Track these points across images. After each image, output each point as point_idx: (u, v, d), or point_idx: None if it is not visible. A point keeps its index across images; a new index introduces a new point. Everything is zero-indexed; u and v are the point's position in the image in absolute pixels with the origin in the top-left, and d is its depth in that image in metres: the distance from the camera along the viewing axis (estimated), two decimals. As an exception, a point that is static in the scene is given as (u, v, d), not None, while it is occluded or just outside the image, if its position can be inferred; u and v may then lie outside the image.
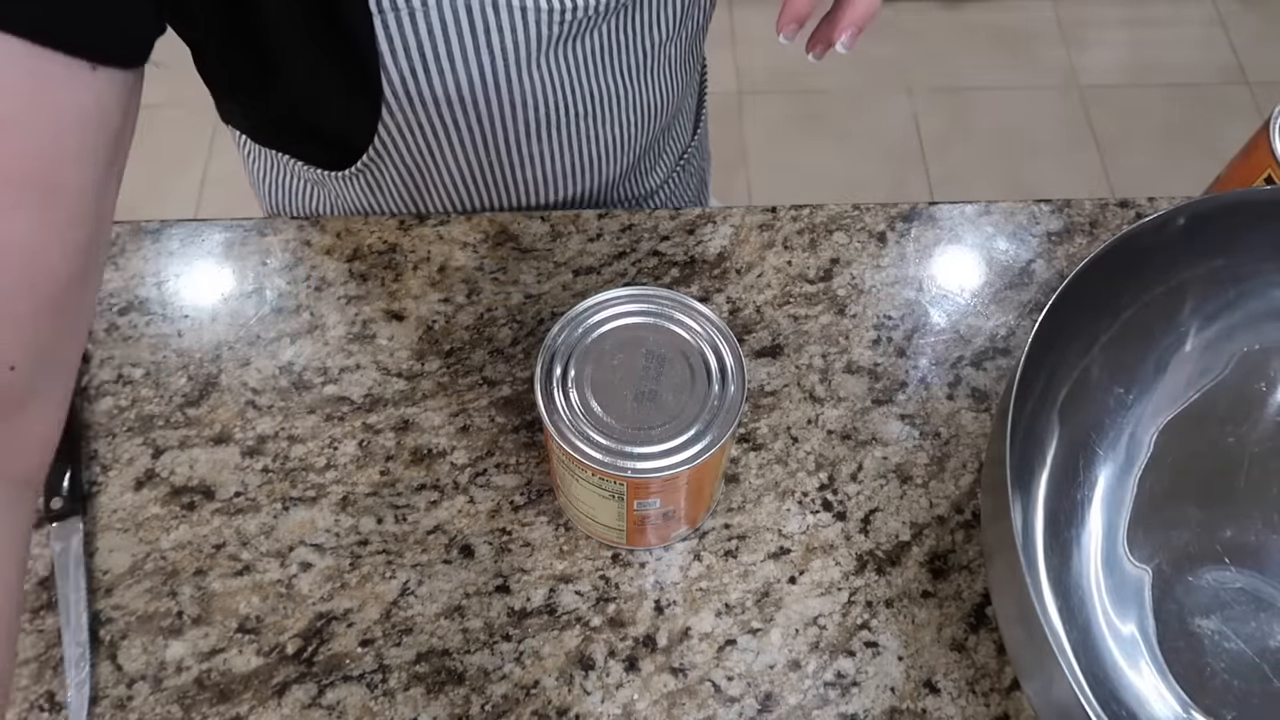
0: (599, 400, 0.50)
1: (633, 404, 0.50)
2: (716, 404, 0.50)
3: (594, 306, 0.53)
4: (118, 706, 0.54)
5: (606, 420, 0.50)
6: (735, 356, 0.51)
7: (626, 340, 0.52)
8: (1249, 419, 0.59)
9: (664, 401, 0.50)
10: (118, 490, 0.60)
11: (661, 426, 0.50)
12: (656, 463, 0.49)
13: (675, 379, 0.51)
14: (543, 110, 0.64)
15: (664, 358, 0.52)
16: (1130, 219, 0.72)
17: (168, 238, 0.69)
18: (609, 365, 0.51)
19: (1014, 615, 0.48)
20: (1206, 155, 1.65)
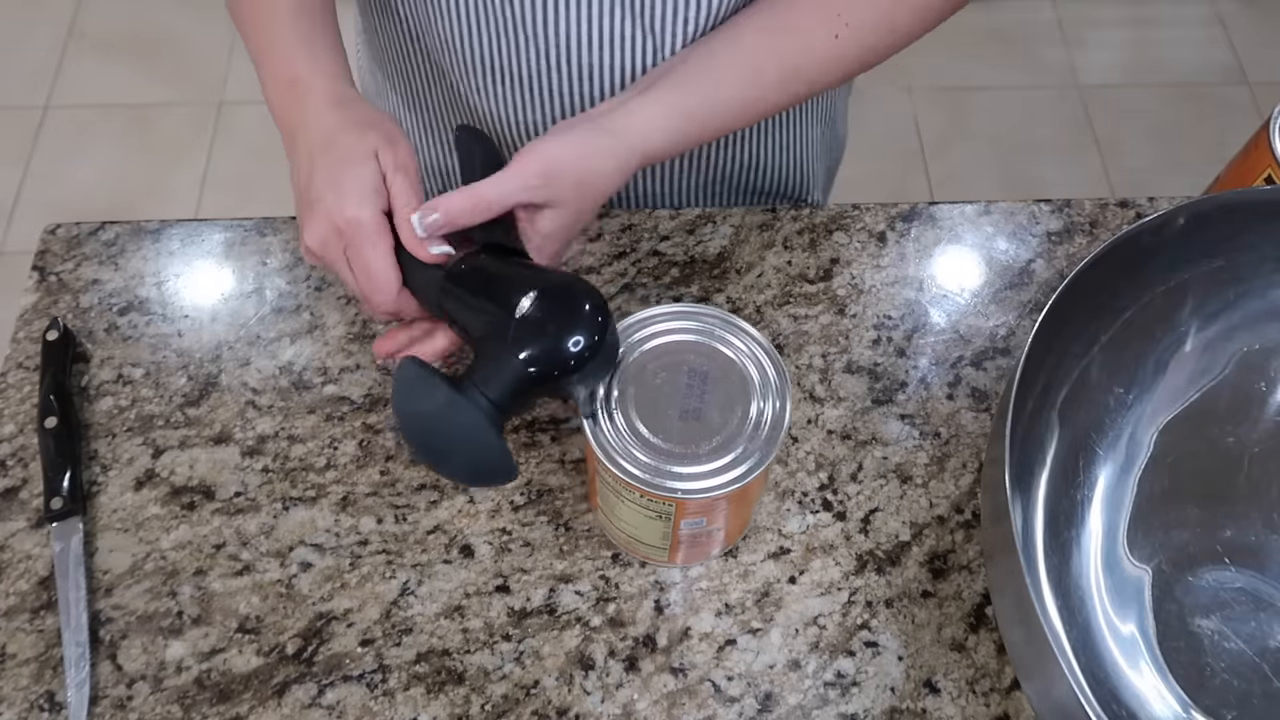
0: (644, 420, 0.49)
1: (678, 423, 0.49)
2: (763, 420, 0.49)
3: (634, 324, 0.52)
4: (118, 706, 0.54)
5: (653, 441, 0.49)
6: (779, 371, 0.51)
7: (667, 358, 0.51)
8: (1249, 419, 0.59)
9: (710, 420, 0.50)
10: (118, 490, 0.60)
11: (708, 445, 0.49)
12: (705, 482, 0.48)
13: (719, 396, 0.50)
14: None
15: (706, 375, 0.51)
16: (1130, 219, 0.72)
17: (168, 238, 0.69)
18: (652, 384, 0.51)
19: (1014, 615, 0.48)
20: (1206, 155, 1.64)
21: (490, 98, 0.68)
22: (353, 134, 0.54)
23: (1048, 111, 1.92)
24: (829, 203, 0.88)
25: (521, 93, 0.66)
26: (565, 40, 0.63)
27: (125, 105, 1.84)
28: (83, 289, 0.67)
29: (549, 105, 0.67)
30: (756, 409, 0.50)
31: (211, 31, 1.91)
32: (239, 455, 0.61)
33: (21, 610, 0.56)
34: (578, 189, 0.54)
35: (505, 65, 0.65)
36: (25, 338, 0.65)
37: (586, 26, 0.62)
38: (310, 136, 0.54)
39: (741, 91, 0.59)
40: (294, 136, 0.55)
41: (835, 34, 0.58)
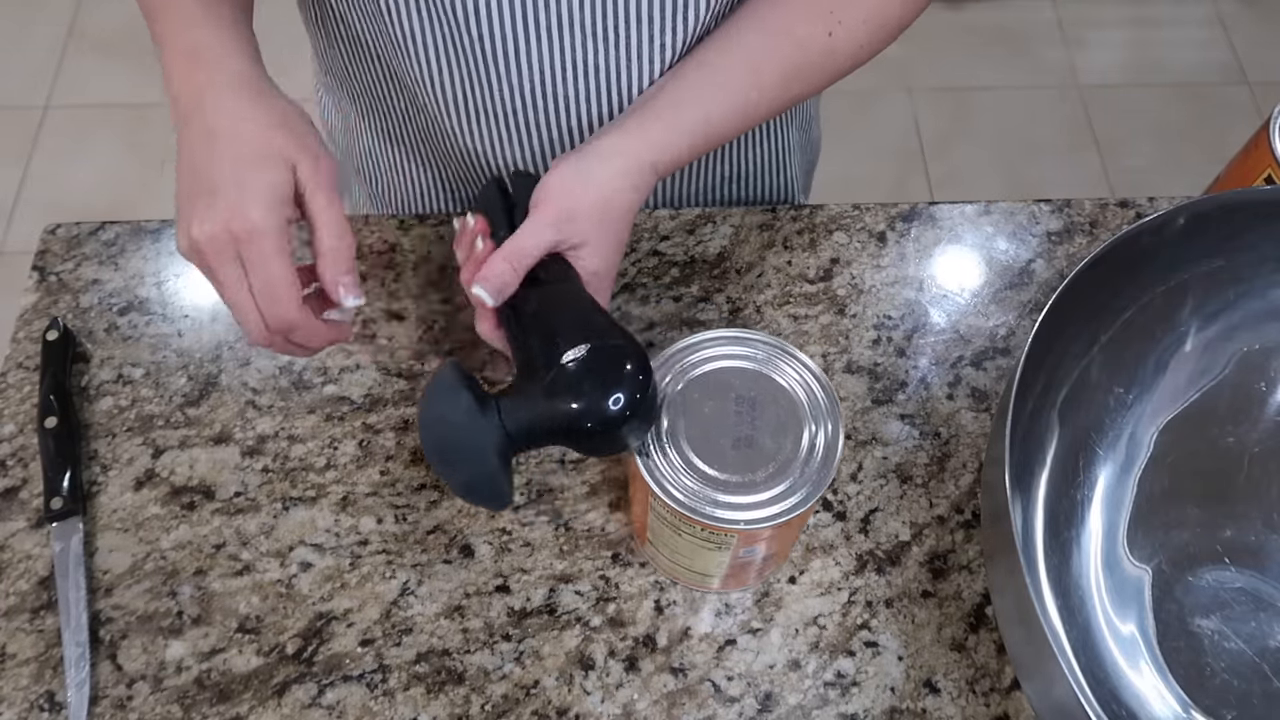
0: (697, 451, 0.49)
1: (731, 452, 0.49)
2: (816, 446, 0.49)
3: (680, 351, 0.52)
4: (118, 706, 0.54)
5: (710, 473, 0.48)
6: (829, 396, 0.50)
7: (715, 385, 0.51)
8: (1249, 419, 0.59)
9: (763, 446, 0.49)
10: (118, 490, 0.60)
11: (764, 473, 0.48)
12: (764, 511, 0.48)
13: (770, 422, 0.50)
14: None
15: (754, 400, 0.50)
16: (1130, 219, 0.72)
17: (168, 238, 0.69)
18: (701, 413, 0.50)
19: (1014, 615, 0.48)
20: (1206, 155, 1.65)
21: (469, 135, 0.67)
22: (263, 127, 0.50)
23: (1048, 111, 1.92)
24: (820, 202, 0.88)
25: (500, 129, 0.66)
26: (539, 75, 0.62)
27: (125, 105, 1.84)
28: (83, 289, 0.67)
29: (529, 139, 0.66)
30: (809, 435, 0.49)
31: (211, 31, 1.90)
32: (239, 455, 0.61)
33: (21, 610, 0.56)
34: (601, 221, 0.54)
35: (481, 104, 0.64)
36: (25, 338, 0.65)
37: (559, 59, 0.61)
38: (211, 117, 0.51)
39: (743, 96, 0.58)
40: (189, 112, 0.51)
41: (829, 31, 0.58)
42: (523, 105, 0.64)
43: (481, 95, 0.64)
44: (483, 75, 0.62)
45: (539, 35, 0.60)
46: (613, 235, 0.55)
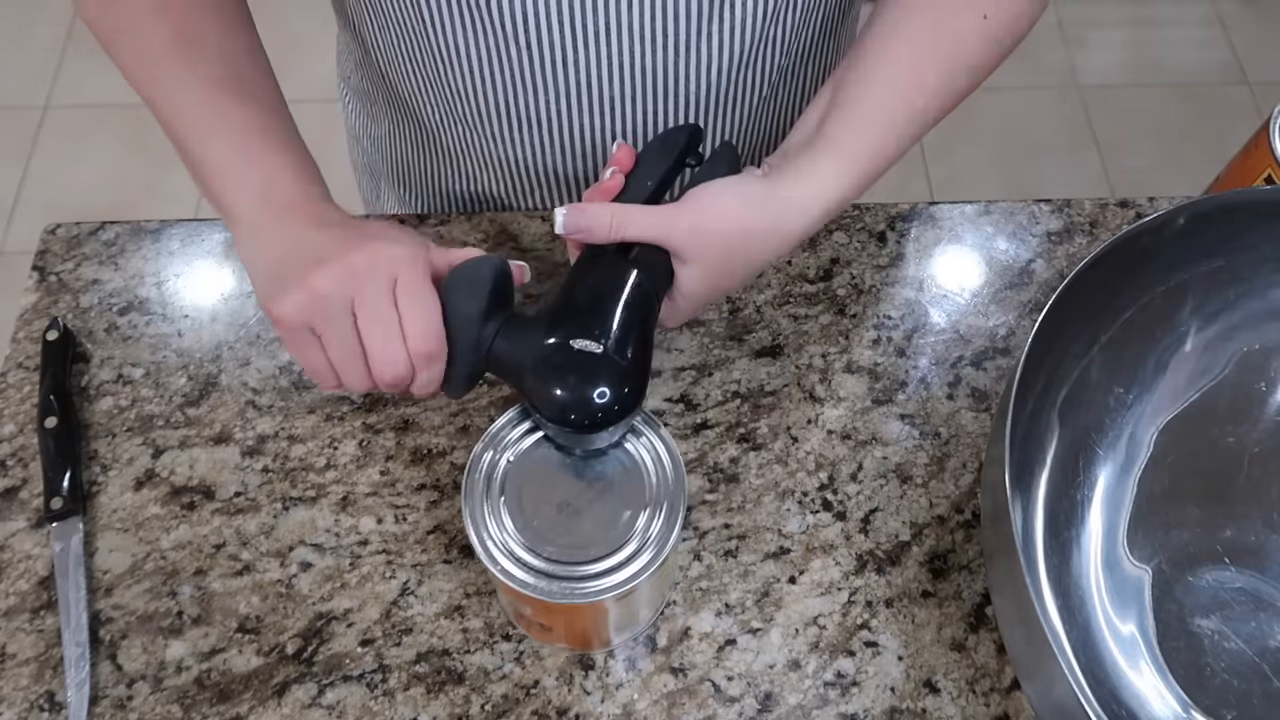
0: (536, 532, 0.48)
1: (568, 526, 0.48)
2: (656, 518, 0.49)
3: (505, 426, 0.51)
4: (118, 706, 0.54)
5: (550, 553, 0.48)
6: (676, 466, 0.50)
7: (552, 458, 0.50)
8: (1249, 419, 0.59)
9: (601, 521, 0.49)
10: (118, 490, 0.60)
11: (603, 543, 0.48)
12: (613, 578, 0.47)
13: (610, 496, 0.49)
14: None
15: (597, 475, 0.50)
16: (1130, 219, 0.72)
17: (168, 238, 0.69)
18: (537, 489, 0.49)
19: (1014, 615, 0.48)
20: (1206, 155, 1.64)
21: (508, 144, 0.67)
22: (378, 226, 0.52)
23: (1048, 111, 1.92)
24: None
25: (542, 133, 0.66)
26: (585, 78, 0.61)
27: (125, 105, 1.84)
28: (83, 289, 0.67)
29: (571, 143, 0.66)
30: (649, 511, 0.49)
31: (211, 31, 1.90)
32: (239, 455, 0.61)
33: (21, 610, 0.56)
34: (728, 254, 0.53)
35: (524, 110, 0.64)
36: (25, 338, 0.65)
37: (606, 62, 0.60)
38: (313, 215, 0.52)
39: (909, 107, 0.55)
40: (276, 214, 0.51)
41: (984, 14, 0.56)
42: (566, 109, 0.64)
43: (525, 101, 0.63)
44: (528, 81, 0.62)
45: (585, 39, 0.59)
46: (726, 271, 0.53)
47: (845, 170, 0.54)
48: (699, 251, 0.52)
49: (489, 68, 0.62)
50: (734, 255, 0.53)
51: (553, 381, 0.48)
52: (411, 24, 0.61)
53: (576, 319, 0.50)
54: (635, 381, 0.50)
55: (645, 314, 0.52)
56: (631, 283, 0.51)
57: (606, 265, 0.52)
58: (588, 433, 0.49)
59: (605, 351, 0.49)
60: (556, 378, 0.48)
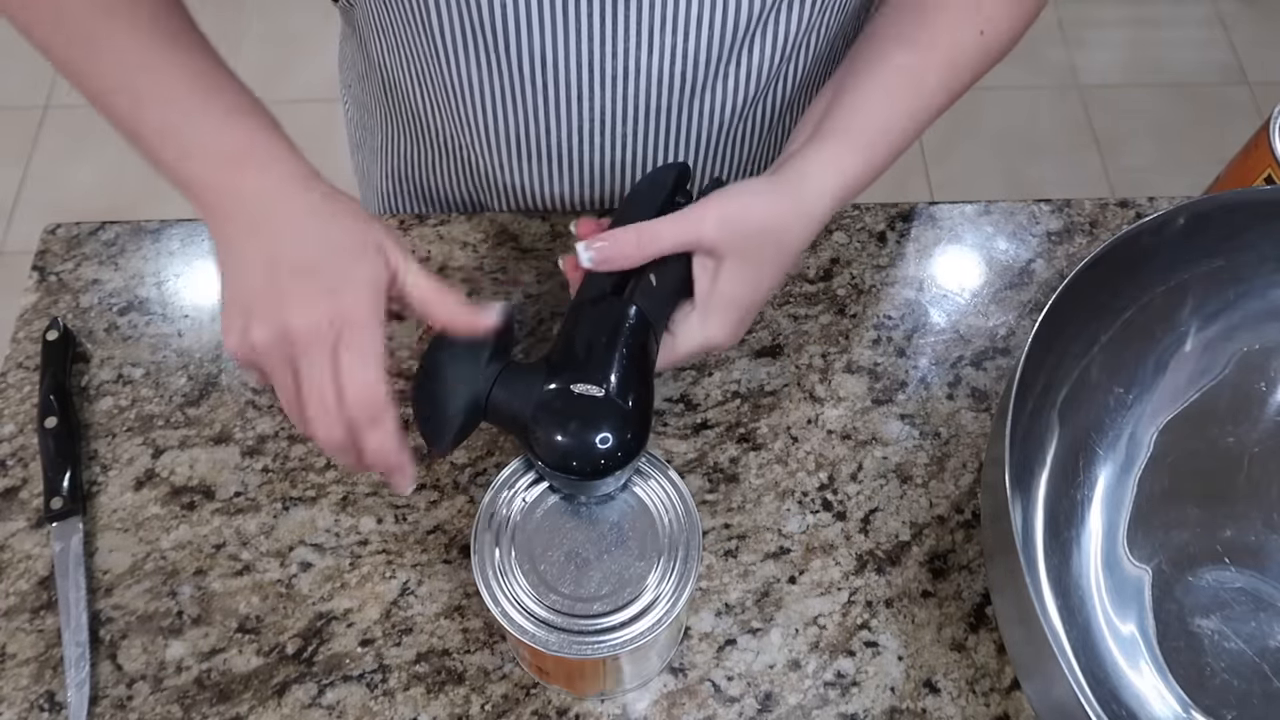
0: (548, 585, 0.47)
1: (581, 578, 0.47)
2: (671, 567, 0.48)
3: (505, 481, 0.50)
4: (118, 706, 0.54)
5: (564, 606, 0.47)
6: (690, 514, 0.49)
7: (564, 508, 0.49)
8: (1249, 419, 0.59)
9: (608, 563, 0.48)
10: (118, 490, 0.60)
11: (622, 591, 0.47)
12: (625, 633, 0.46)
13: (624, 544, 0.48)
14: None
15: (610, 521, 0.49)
16: (1130, 219, 0.72)
17: (168, 238, 0.69)
18: (550, 538, 0.48)
19: (1014, 615, 0.48)
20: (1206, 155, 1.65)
21: (517, 170, 0.67)
22: (354, 218, 0.48)
23: (1048, 111, 1.92)
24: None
25: (551, 165, 0.66)
26: (601, 117, 0.61)
27: (125, 105, 1.84)
28: (83, 289, 0.67)
29: (581, 174, 0.66)
30: (664, 561, 0.48)
31: (211, 31, 1.90)
32: (239, 455, 0.61)
33: (21, 610, 0.56)
34: (759, 242, 0.51)
35: (535, 143, 0.64)
36: (25, 338, 0.65)
37: (622, 103, 0.61)
38: (291, 208, 0.47)
39: (908, 104, 0.56)
40: (251, 212, 0.47)
41: (980, 30, 0.56)
42: (579, 143, 0.64)
43: (538, 134, 0.64)
44: (541, 117, 0.62)
45: (604, 81, 0.60)
46: (765, 264, 0.52)
47: (852, 151, 0.54)
48: (732, 242, 0.51)
49: (503, 103, 0.62)
50: (766, 242, 0.52)
51: (554, 428, 0.47)
52: (425, 56, 0.61)
53: (575, 363, 0.49)
54: (638, 424, 0.48)
55: (644, 354, 0.51)
56: (630, 322, 0.50)
57: (603, 306, 0.51)
58: (592, 479, 0.48)
59: (607, 394, 0.48)
60: (557, 424, 0.47)
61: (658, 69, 0.59)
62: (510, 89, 0.61)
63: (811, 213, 0.53)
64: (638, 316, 0.50)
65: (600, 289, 0.51)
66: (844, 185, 0.53)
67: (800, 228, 0.53)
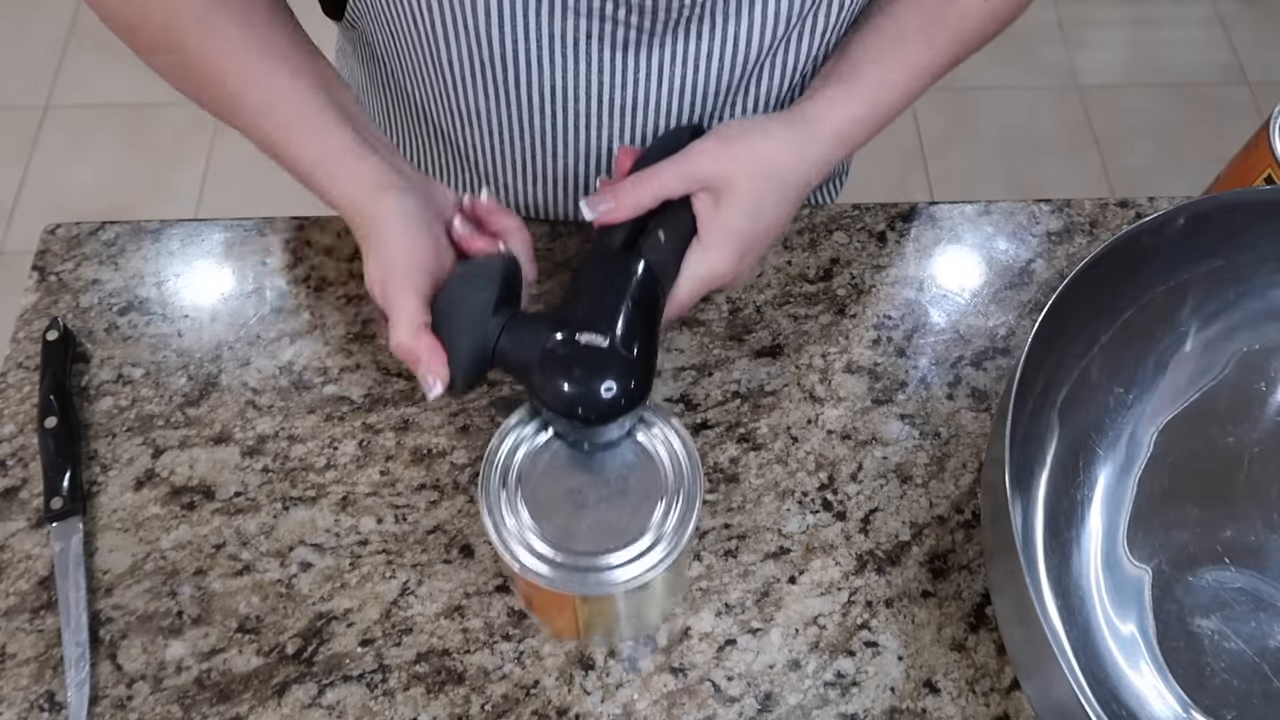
0: (553, 525, 0.48)
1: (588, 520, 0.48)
2: (673, 508, 0.49)
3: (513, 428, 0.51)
4: (118, 706, 0.54)
5: (569, 545, 0.48)
6: (691, 458, 0.50)
7: (566, 454, 0.50)
8: (1249, 419, 0.59)
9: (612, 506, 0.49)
10: (118, 490, 0.60)
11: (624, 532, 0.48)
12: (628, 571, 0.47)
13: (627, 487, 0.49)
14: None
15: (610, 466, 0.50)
16: (1130, 219, 0.72)
17: (168, 238, 0.69)
18: (553, 484, 0.49)
19: (1014, 615, 0.48)
20: (1206, 155, 1.65)
21: (522, 192, 0.68)
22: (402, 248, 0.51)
23: (1048, 111, 1.91)
24: (820, 201, 0.88)
25: (557, 189, 0.67)
26: (608, 145, 0.62)
27: (125, 105, 1.84)
28: (83, 289, 0.67)
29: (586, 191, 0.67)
30: (665, 502, 0.49)
31: (211, 31, 1.90)
32: (239, 455, 0.61)
33: (21, 610, 0.56)
34: (758, 175, 0.52)
35: (541, 169, 0.65)
36: (25, 338, 0.65)
37: (630, 133, 0.61)
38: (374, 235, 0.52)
39: (915, 63, 0.57)
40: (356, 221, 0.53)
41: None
42: (585, 168, 0.65)
43: (543, 160, 0.64)
44: (548, 144, 0.63)
45: (612, 112, 0.60)
46: (768, 196, 0.52)
47: (856, 99, 0.55)
48: (731, 175, 0.51)
49: (510, 132, 0.62)
50: (765, 174, 0.52)
51: (559, 375, 0.48)
52: (433, 81, 0.61)
53: (582, 313, 0.50)
54: (641, 374, 0.50)
55: (651, 307, 0.52)
56: (637, 276, 0.51)
57: (612, 260, 0.52)
58: (595, 426, 0.49)
59: (611, 344, 0.49)
60: (562, 372, 0.48)
61: (667, 101, 0.60)
62: (519, 119, 0.61)
63: (812, 153, 0.54)
64: (645, 270, 0.51)
65: (611, 241, 0.52)
66: (847, 130, 0.55)
67: (801, 167, 0.53)
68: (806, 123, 0.54)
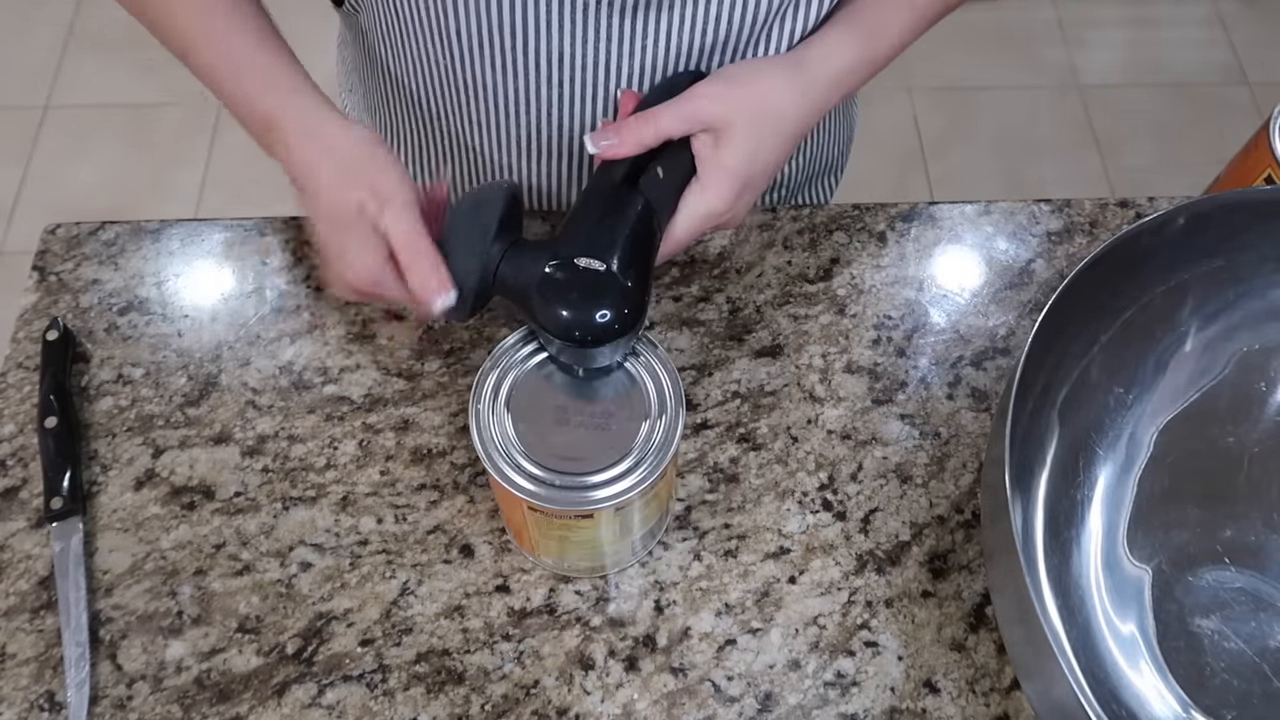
0: (542, 445, 0.49)
1: (578, 438, 0.50)
2: (656, 428, 0.50)
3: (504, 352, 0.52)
4: (118, 706, 0.54)
5: (559, 464, 0.49)
6: (674, 381, 0.51)
7: (555, 379, 0.52)
8: (1249, 419, 0.59)
9: (598, 427, 0.50)
10: (118, 490, 0.60)
11: (608, 452, 0.49)
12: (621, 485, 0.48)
13: (612, 407, 0.51)
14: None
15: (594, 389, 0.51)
16: (1130, 219, 0.72)
17: (168, 238, 0.69)
18: (542, 406, 0.51)
19: (1014, 615, 0.48)
20: (1206, 155, 1.65)
21: (525, 171, 0.68)
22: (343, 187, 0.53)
23: (1048, 111, 1.91)
24: (820, 202, 0.88)
25: (562, 163, 0.67)
26: (617, 112, 0.62)
27: (125, 105, 1.84)
28: (83, 289, 0.67)
29: (590, 171, 0.67)
30: (649, 420, 0.50)
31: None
32: (239, 455, 0.61)
33: (21, 610, 0.56)
34: (755, 114, 0.53)
35: (548, 140, 0.65)
36: (25, 338, 0.65)
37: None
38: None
39: (913, 5, 0.59)
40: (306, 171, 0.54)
41: None
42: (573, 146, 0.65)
43: (550, 135, 0.65)
44: (556, 117, 0.63)
45: (619, 79, 0.61)
46: (767, 137, 0.54)
47: (851, 42, 0.57)
48: (729, 115, 0.53)
49: (518, 103, 0.63)
50: (762, 114, 0.54)
51: (557, 298, 0.49)
52: (438, 58, 0.61)
53: (582, 239, 0.51)
54: (637, 299, 0.51)
55: (648, 240, 0.53)
56: (636, 208, 0.52)
57: (612, 191, 0.53)
58: (591, 348, 0.50)
59: (609, 269, 0.50)
60: (561, 294, 0.50)
61: (674, 65, 0.60)
62: (526, 89, 0.61)
63: (810, 96, 0.55)
64: (643, 203, 0.53)
65: (611, 176, 0.54)
66: (842, 72, 0.56)
67: (797, 107, 0.55)
68: (805, 67, 0.55)
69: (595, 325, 0.49)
